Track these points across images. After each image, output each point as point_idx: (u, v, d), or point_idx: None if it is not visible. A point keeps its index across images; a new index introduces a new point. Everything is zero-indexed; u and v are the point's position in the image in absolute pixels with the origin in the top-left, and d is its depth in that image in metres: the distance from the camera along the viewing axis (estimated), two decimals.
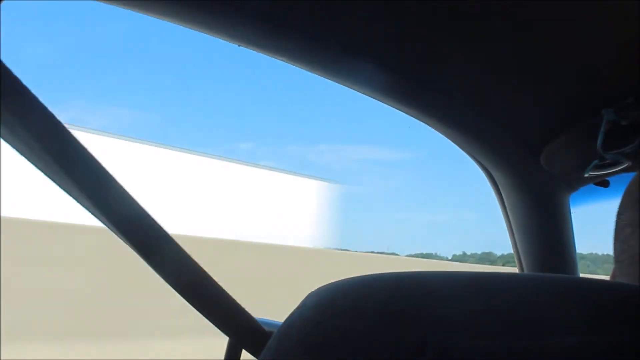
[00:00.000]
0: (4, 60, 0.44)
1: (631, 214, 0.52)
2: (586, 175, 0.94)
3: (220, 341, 0.66)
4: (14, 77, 0.44)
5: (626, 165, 0.86)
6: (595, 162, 0.88)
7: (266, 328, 0.60)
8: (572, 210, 1.11)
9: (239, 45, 0.70)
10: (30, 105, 0.45)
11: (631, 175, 0.91)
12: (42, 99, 0.45)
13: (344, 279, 0.35)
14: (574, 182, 1.05)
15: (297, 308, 0.35)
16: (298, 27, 0.68)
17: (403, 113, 0.90)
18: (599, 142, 0.79)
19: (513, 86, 0.81)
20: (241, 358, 0.63)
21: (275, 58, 0.74)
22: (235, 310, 0.58)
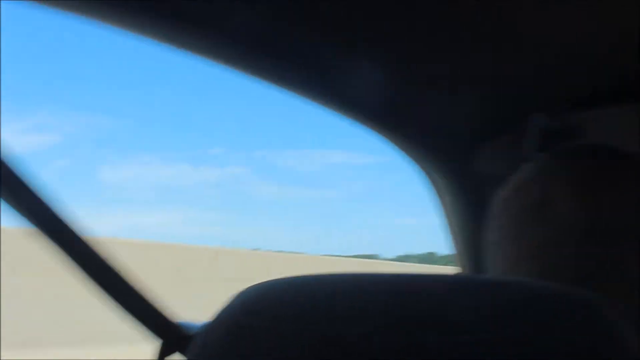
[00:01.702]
0: None
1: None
2: None
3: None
4: None
5: None
6: None
7: (191, 330, 0.59)
8: None
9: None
10: None
11: None
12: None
13: (270, 280, 0.36)
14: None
15: (220, 308, 0.35)
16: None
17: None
18: (530, 144, 0.82)
19: (446, 88, 0.82)
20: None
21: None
22: (159, 313, 0.57)
